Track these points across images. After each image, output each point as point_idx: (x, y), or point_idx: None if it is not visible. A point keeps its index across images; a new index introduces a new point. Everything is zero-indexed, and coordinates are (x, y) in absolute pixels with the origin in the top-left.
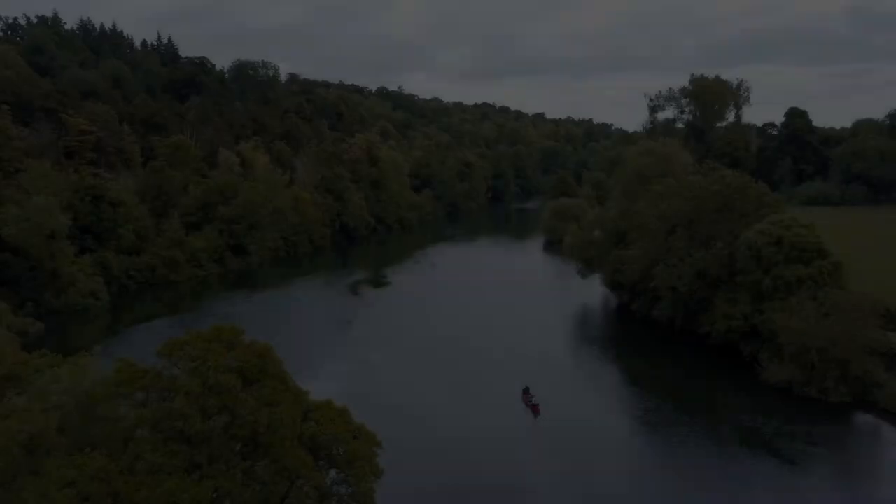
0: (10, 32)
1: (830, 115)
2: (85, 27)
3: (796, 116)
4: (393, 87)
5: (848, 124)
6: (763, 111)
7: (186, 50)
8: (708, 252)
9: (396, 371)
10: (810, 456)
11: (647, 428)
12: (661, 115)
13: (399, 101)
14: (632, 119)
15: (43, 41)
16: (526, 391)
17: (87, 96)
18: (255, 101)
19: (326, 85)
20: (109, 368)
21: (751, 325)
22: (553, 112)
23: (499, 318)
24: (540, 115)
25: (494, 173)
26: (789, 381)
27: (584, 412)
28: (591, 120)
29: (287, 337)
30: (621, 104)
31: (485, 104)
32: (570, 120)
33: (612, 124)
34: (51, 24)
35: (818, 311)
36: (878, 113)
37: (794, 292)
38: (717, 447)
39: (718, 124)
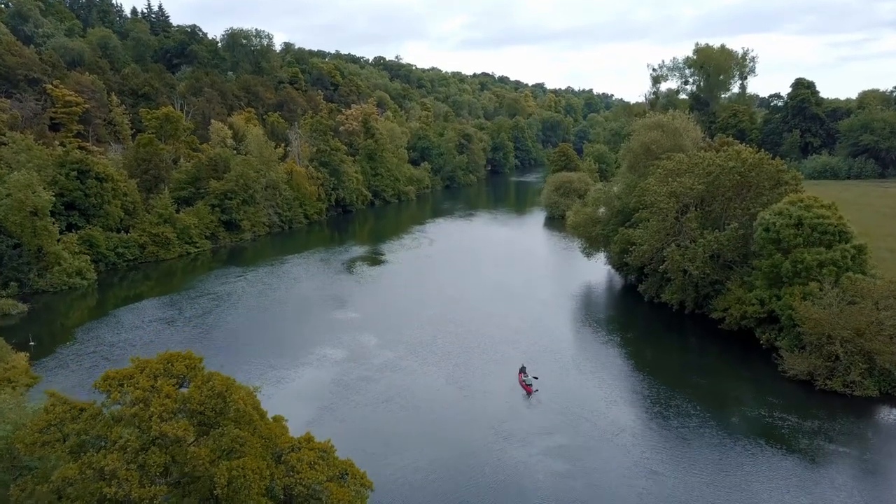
0: None
1: (834, 85)
2: None
3: (803, 87)
4: (390, 57)
5: (852, 95)
6: (765, 82)
7: (178, 18)
8: (722, 233)
9: (391, 353)
10: (833, 454)
11: (655, 419)
12: (663, 86)
13: (396, 71)
14: (632, 89)
15: (27, 8)
16: (522, 370)
17: (73, 66)
18: (248, 72)
19: (322, 54)
20: (43, 400)
21: (767, 312)
22: (553, 82)
23: (498, 297)
24: (540, 86)
25: (493, 145)
26: (811, 373)
27: (587, 400)
28: (591, 90)
29: (280, 317)
30: (621, 74)
31: (483, 74)
32: (570, 90)
33: (612, 95)
34: None
35: (841, 298)
36: (883, 83)
37: (814, 277)
38: (731, 442)
39: (723, 95)
